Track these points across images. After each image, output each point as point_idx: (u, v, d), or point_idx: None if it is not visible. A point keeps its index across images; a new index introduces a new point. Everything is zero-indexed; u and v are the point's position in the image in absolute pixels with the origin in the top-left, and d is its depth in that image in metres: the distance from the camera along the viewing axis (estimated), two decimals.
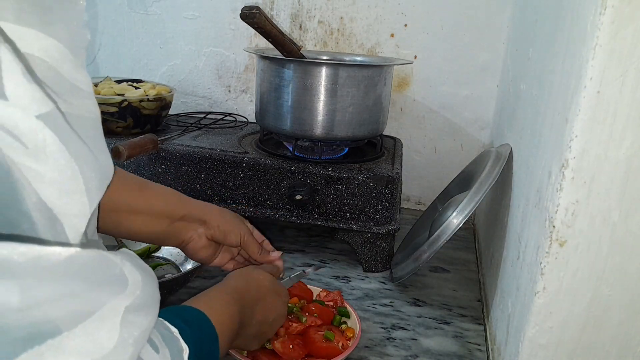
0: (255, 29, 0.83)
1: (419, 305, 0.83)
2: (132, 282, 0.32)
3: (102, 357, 0.28)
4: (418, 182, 1.23)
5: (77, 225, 0.30)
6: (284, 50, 0.90)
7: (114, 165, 0.59)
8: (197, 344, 0.42)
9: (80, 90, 0.33)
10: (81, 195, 0.29)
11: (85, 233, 0.31)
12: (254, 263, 0.72)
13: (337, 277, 0.89)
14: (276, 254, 0.73)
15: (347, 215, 0.90)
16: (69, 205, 0.29)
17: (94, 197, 0.31)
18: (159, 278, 0.77)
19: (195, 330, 0.43)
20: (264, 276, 0.62)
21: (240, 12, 0.80)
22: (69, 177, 0.28)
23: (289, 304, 0.70)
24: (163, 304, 0.37)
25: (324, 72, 0.88)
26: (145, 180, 0.67)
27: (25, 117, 0.26)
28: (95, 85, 1.08)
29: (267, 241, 0.74)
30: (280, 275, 0.73)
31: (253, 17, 0.80)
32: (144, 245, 0.88)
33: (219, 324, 0.48)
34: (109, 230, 0.63)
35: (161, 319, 0.40)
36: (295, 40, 0.92)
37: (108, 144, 1.00)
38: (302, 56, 0.93)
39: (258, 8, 0.81)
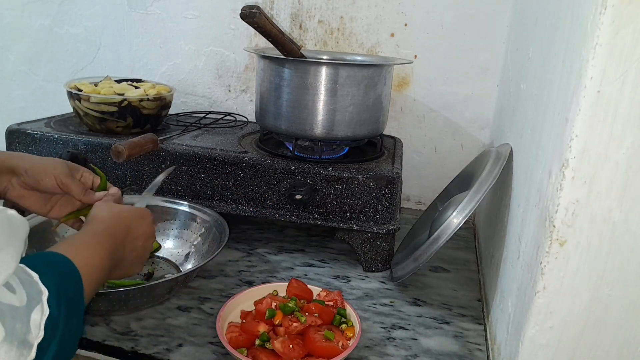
0: (255, 29, 0.83)
1: (419, 305, 0.83)
2: None
3: None
4: (418, 182, 1.23)
5: None
6: (284, 50, 0.90)
7: None
8: (60, 286, 0.43)
9: None
10: None
11: None
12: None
13: (337, 277, 0.89)
14: (101, 194, 0.71)
15: (347, 215, 0.90)
16: None
17: None
18: (159, 278, 0.77)
19: (58, 274, 0.45)
20: (120, 208, 0.64)
21: (240, 11, 0.80)
22: None
23: (289, 305, 0.70)
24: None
25: (324, 71, 0.88)
26: None
27: None
28: (95, 85, 1.08)
29: (88, 172, 0.72)
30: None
31: (253, 17, 0.80)
32: None
33: (86, 266, 0.49)
34: None
35: (22, 265, 0.42)
36: (295, 40, 0.92)
37: (108, 143, 1.00)
38: (302, 56, 0.93)
39: (258, 7, 0.80)
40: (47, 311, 0.40)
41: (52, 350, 0.41)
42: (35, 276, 0.42)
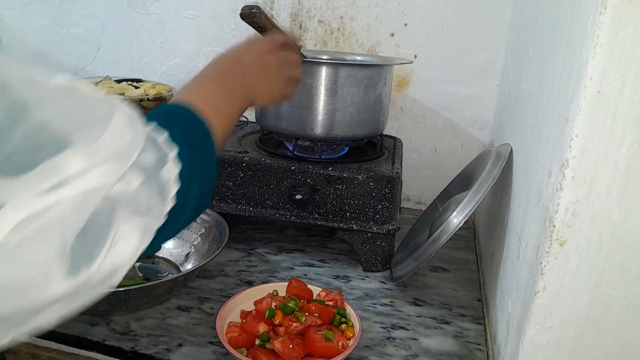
0: (255, 29, 0.83)
1: (419, 305, 0.83)
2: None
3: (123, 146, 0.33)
4: (418, 182, 1.23)
5: None
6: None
7: None
8: (185, 136, 0.43)
9: None
10: None
11: None
12: None
13: (337, 277, 0.89)
14: None
15: (347, 215, 0.90)
16: None
17: None
18: (159, 278, 0.77)
19: (180, 124, 0.45)
20: (232, 47, 0.63)
21: (240, 11, 0.80)
22: None
23: (289, 305, 0.70)
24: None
25: (324, 71, 0.88)
26: None
27: None
28: (95, 85, 1.08)
29: None
30: None
31: (253, 17, 0.80)
32: None
33: (204, 104, 0.48)
34: None
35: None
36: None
37: None
38: (303, 56, 0.93)
39: (258, 7, 0.80)
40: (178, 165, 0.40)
41: (194, 194, 0.42)
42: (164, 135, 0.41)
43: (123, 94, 1.02)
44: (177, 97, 0.50)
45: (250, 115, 1.24)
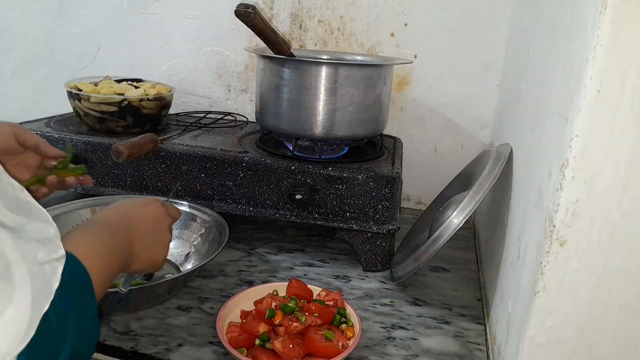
0: (249, 27, 0.83)
1: (419, 305, 0.83)
2: (19, 286, 0.33)
3: None
4: (418, 182, 1.23)
5: None
6: (274, 49, 0.90)
7: None
8: (68, 285, 0.41)
9: None
10: None
11: None
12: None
13: (337, 277, 0.89)
14: (56, 151, 0.70)
15: (347, 215, 0.90)
16: None
17: None
18: (159, 278, 0.77)
19: (66, 272, 0.42)
20: (123, 201, 0.62)
21: (235, 9, 0.80)
22: None
23: (289, 304, 0.70)
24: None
25: (324, 71, 0.88)
26: None
27: None
28: (95, 84, 1.08)
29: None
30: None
31: (248, 16, 0.80)
32: None
33: (90, 265, 0.45)
34: None
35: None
36: (286, 39, 0.92)
37: (108, 143, 1.00)
38: (292, 55, 0.93)
39: (254, 7, 0.81)
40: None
41: (67, 349, 0.39)
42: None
43: (123, 93, 1.02)
44: (66, 241, 0.47)
45: (250, 115, 1.24)
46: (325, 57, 1.09)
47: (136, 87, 1.07)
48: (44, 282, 0.36)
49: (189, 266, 0.85)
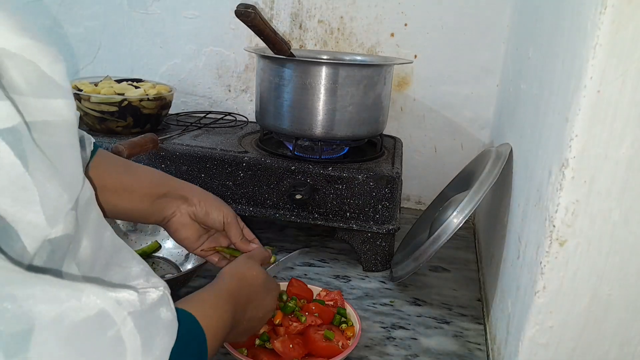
0: (249, 27, 0.83)
1: (419, 305, 0.83)
2: (131, 350, 0.32)
3: None
4: (418, 182, 1.23)
5: (32, 233, 0.31)
6: (274, 49, 0.90)
7: (98, 147, 0.61)
8: (185, 346, 0.41)
9: (57, 86, 0.34)
10: (34, 206, 0.31)
11: (52, 242, 0.32)
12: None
13: (337, 277, 0.89)
14: (254, 246, 0.72)
15: (347, 215, 0.90)
16: (21, 214, 0.30)
17: (51, 208, 0.32)
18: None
19: (185, 333, 0.42)
20: (257, 272, 0.62)
21: (235, 9, 0.80)
22: (22, 188, 0.30)
23: (289, 304, 0.70)
24: None
25: (324, 71, 0.88)
26: (129, 162, 0.69)
27: None
28: (95, 84, 1.08)
29: (248, 229, 0.73)
30: (271, 260, 0.72)
31: (248, 16, 0.80)
32: (143, 245, 0.88)
33: (209, 327, 0.47)
34: None
35: None
36: (286, 39, 0.92)
37: (108, 143, 1.00)
38: (292, 55, 0.93)
39: (254, 8, 0.81)
40: None
41: None
42: None
43: (123, 93, 1.02)
44: (192, 301, 0.49)
45: (250, 115, 1.24)
46: (325, 57, 1.09)
47: (136, 87, 1.07)
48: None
49: (189, 266, 0.85)
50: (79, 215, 0.37)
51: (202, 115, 1.21)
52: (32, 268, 0.32)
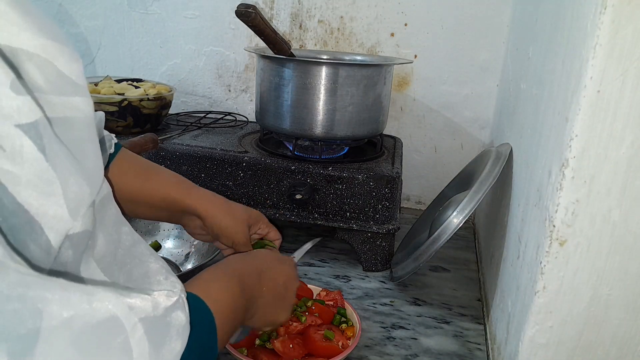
0: (249, 27, 0.83)
1: (419, 305, 0.83)
2: (137, 355, 0.32)
3: None
4: (418, 182, 1.23)
5: (56, 226, 0.31)
6: (274, 49, 0.90)
7: (120, 147, 0.61)
8: (194, 334, 0.40)
9: (74, 84, 0.34)
10: (58, 199, 0.31)
11: (72, 237, 0.32)
12: None
13: (337, 277, 0.89)
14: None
15: (347, 215, 0.90)
16: (45, 207, 0.30)
17: (73, 201, 0.32)
18: None
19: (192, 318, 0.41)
20: (262, 251, 0.63)
21: (235, 9, 0.80)
22: (45, 181, 0.30)
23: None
24: None
25: (323, 71, 0.88)
26: (151, 165, 0.68)
27: (3, 126, 0.28)
28: (95, 84, 1.08)
29: (275, 231, 0.74)
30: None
31: (248, 16, 0.80)
32: None
33: (218, 313, 0.45)
34: None
35: None
36: (286, 39, 0.92)
37: None
38: (293, 55, 0.93)
39: (254, 7, 0.81)
40: None
41: None
42: None
43: (123, 93, 1.02)
44: (197, 282, 0.47)
45: (250, 115, 1.24)
46: (325, 57, 1.09)
47: (136, 87, 1.07)
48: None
49: (189, 266, 0.85)
50: (95, 212, 0.37)
51: (202, 115, 1.21)
52: (53, 273, 0.32)
